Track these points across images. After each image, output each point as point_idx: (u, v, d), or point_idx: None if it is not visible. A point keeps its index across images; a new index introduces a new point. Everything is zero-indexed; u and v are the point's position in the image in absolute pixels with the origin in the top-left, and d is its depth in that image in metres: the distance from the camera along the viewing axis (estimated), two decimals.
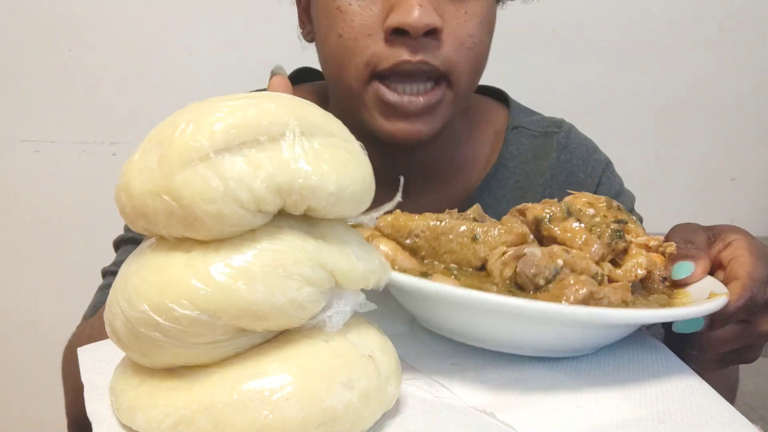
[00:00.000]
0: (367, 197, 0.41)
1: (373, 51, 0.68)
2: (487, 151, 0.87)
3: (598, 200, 0.58)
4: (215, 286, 0.36)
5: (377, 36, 0.67)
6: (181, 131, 0.36)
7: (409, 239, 0.53)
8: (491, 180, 0.85)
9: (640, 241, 0.56)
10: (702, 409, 0.43)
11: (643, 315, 0.45)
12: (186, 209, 0.36)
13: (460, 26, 0.68)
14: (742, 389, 0.83)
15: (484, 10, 0.70)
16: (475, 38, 0.69)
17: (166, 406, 0.37)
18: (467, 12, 0.69)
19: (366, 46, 0.68)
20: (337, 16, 0.68)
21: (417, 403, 0.44)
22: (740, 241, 0.56)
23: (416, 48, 0.67)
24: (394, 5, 0.66)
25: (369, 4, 0.67)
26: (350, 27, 0.68)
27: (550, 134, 0.88)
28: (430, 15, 0.65)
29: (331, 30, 0.69)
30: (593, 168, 0.87)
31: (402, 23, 0.65)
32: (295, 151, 0.37)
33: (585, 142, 0.89)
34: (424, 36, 0.66)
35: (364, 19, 0.67)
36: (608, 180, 0.88)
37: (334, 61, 0.71)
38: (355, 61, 0.69)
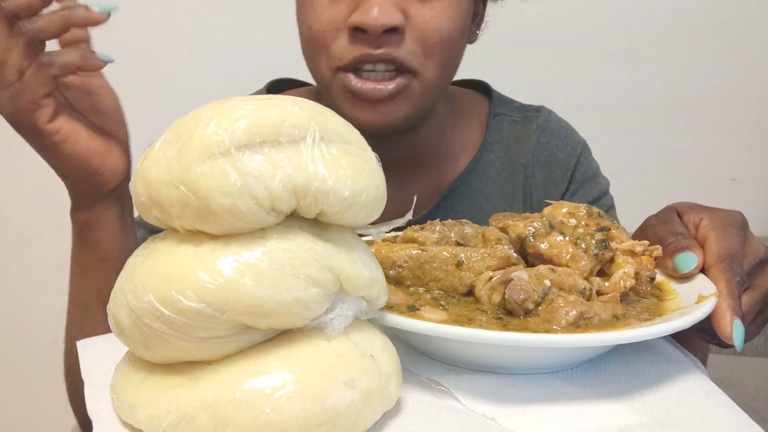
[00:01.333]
0: (379, 207, 0.42)
1: (338, 45, 0.71)
2: (472, 138, 0.91)
3: (578, 209, 0.58)
4: (222, 279, 0.36)
5: (342, 31, 0.71)
6: (203, 125, 0.37)
7: (392, 270, 0.53)
8: (476, 164, 0.89)
9: (625, 247, 0.56)
10: (702, 413, 0.43)
11: (637, 334, 0.45)
12: (202, 201, 0.36)
13: (425, 21, 0.71)
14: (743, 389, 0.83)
15: (453, 7, 0.73)
16: (442, 33, 0.72)
17: (167, 404, 0.37)
18: (434, 8, 0.71)
19: (332, 39, 0.71)
20: (308, 10, 0.72)
21: (417, 403, 0.44)
22: (705, 220, 0.57)
23: (377, 44, 0.70)
24: (358, 4, 0.70)
25: (337, 4, 0.71)
26: (319, 20, 0.72)
27: (529, 118, 0.92)
28: (389, 14, 0.68)
29: (303, 22, 0.74)
30: (572, 148, 0.91)
31: (360, 23, 0.68)
32: (313, 155, 0.38)
33: (563, 125, 0.94)
34: (385, 33, 0.69)
35: (332, 14, 0.71)
36: (586, 159, 0.91)
37: (307, 52, 0.75)
38: (323, 53, 0.72)
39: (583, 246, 0.54)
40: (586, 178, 0.90)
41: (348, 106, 0.73)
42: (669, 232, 0.58)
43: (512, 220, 0.57)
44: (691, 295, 0.52)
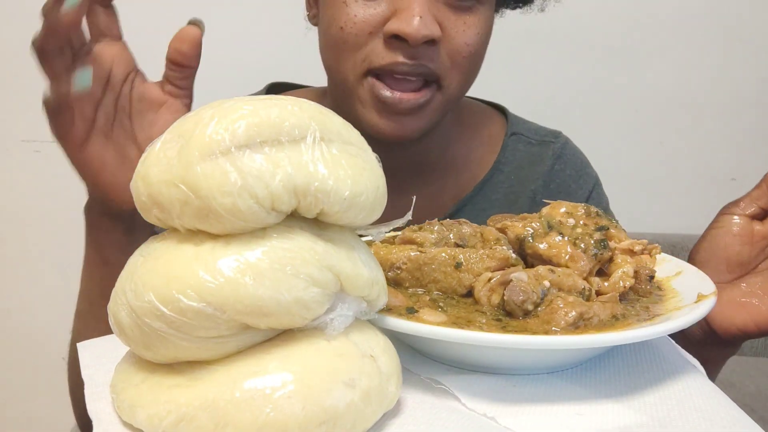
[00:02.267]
0: (379, 207, 0.42)
1: (371, 49, 0.70)
2: (480, 153, 0.90)
3: (576, 208, 0.58)
4: (223, 279, 0.36)
5: (377, 35, 0.70)
6: (203, 125, 0.37)
7: (391, 272, 0.53)
8: (486, 184, 0.88)
9: (624, 246, 0.56)
10: (702, 413, 0.43)
11: (636, 334, 0.45)
12: (202, 200, 0.36)
13: (458, 35, 0.71)
14: (743, 389, 0.83)
15: (482, 22, 0.73)
16: (471, 48, 0.72)
17: (167, 403, 0.37)
18: (466, 22, 0.71)
19: (365, 42, 0.70)
20: (341, 9, 0.70)
21: (417, 403, 0.44)
22: None
23: (413, 54, 0.69)
24: (397, 11, 0.68)
25: (373, 4, 0.70)
26: (352, 22, 0.70)
27: (546, 143, 0.91)
28: (430, 26, 0.68)
29: (334, 21, 0.71)
30: (585, 181, 0.90)
31: (401, 32, 0.67)
32: (314, 155, 0.38)
33: (579, 156, 0.93)
34: (423, 44, 0.68)
35: (367, 17, 0.69)
36: (597, 195, 0.91)
37: (333, 52, 0.73)
38: (353, 55, 0.71)
39: (582, 246, 0.54)
40: None
41: (374, 114, 0.72)
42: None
43: (510, 221, 0.57)
44: (691, 294, 0.52)
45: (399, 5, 0.68)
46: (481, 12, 0.73)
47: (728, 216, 0.65)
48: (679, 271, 0.58)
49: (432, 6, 0.69)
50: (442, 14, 0.70)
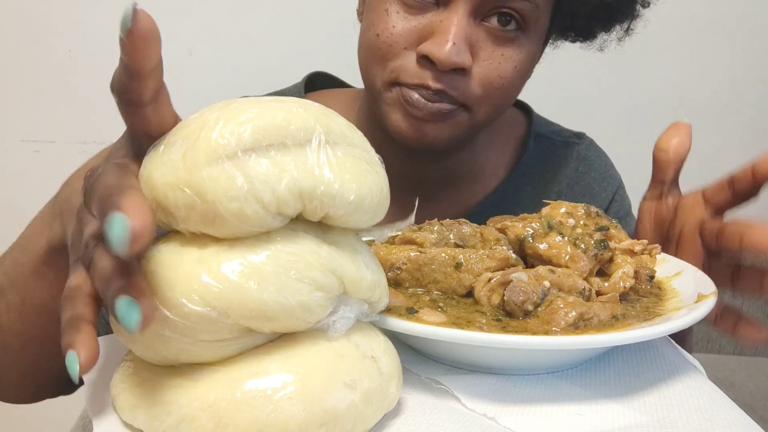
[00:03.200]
0: (382, 210, 0.42)
1: (402, 63, 0.70)
2: (505, 156, 0.90)
3: (576, 209, 0.58)
4: (227, 283, 0.36)
5: (410, 51, 0.70)
6: (209, 128, 0.37)
7: (391, 272, 0.53)
8: (509, 186, 0.87)
9: (624, 246, 0.57)
10: (702, 413, 0.44)
11: (636, 334, 0.45)
12: (208, 205, 0.36)
13: (492, 67, 0.70)
14: (743, 389, 0.83)
15: (522, 56, 0.72)
16: (505, 80, 0.71)
17: (168, 404, 0.37)
18: (504, 54, 0.70)
19: (397, 55, 0.70)
20: (381, 17, 0.71)
21: (418, 404, 0.44)
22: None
23: (440, 78, 0.69)
24: (434, 32, 0.68)
25: (414, 20, 0.69)
26: (389, 32, 0.70)
27: (570, 144, 0.91)
28: (461, 54, 0.67)
29: (372, 26, 0.72)
30: (609, 183, 0.90)
31: (431, 55, 0.67)
32: (319, 158, 0.38)
33: (603, 157, 0.93)
34: (451, 70, 0.68)
35: (404, 32, 0.69)
36: (621, 198, 0.91)
37: (366, 56, 0.74)
38: (384, 64, 0.71)
39: (582, 246, 0.54)
40: (618, 218, 0.89)
41: (399, 115, 0.72)
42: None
43: (510, 221, 0.57)
44: (691, 294, 0.52)
45: (437, 27, 0.68)
46: (524, 44, 0.72)
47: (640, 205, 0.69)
48: (679, 271, 0.59)
49: (471, 32, 0.68)
50: (481, 42, 0.69)
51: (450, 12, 0.68)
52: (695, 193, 0.63)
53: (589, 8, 0.74)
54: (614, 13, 0.78)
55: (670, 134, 0.65)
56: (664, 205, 0.66)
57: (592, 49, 0.87)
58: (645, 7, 0.81)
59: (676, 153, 0.64)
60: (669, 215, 0.65)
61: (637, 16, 0.82)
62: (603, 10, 0.76)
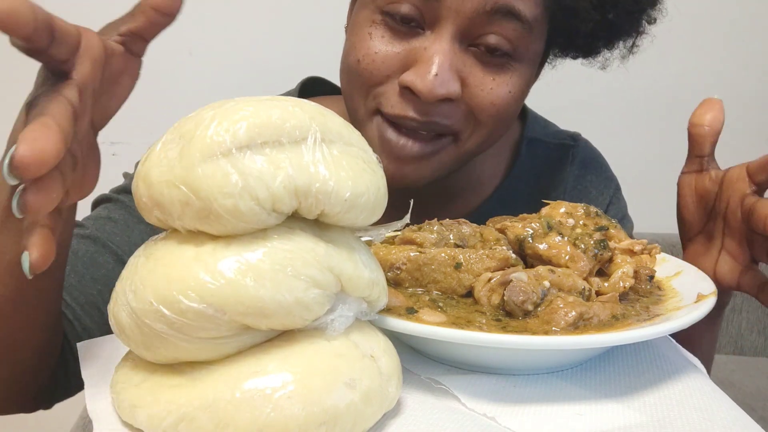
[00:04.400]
0: (380, 208, 0.42)
1: (384, 92, 0.66)
2: (502, 165, 0.88)
3: (576, 209, 0.58)
4: (223, 280, 0.36)
5: (393, 79, 0.66)
6: (204, 126, 0.37)
7: (390, 272, 0.53)
8: (504, 192, 0.86)
9: (623, 246, 0.56)
10: (702, 413, 0.44)
11: (636, 334, 0.45)
12: (203, 202, 0.36)
13: (484, 93, 0.66)
14: (743, 389, 0.83)
15: (516, 79, 0.67)
16: (499, 107, 0.67)
17: (168, 404, 0.38)
18: (495, 80, 0.66)
19: (379, 82, 0.66)
20: (364, 40, 0.66)
21: (418, 404, 0.44)
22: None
23: (425, 111, 0.65)
24: (417, 61, 0.64)
25: (398, 45, 0.65)
26: (371, 59, 0.66)
27: (566, 147, 0.89)
28: (446, 84, 0.63)
29: (354, 51, 0.67)
30: (605, 186, 0.89)
31: (413, 87, 0.63)
32: (314, 156, 0.38)
33: (599, 159, 0.91)
34: (438, 101, 0.64)
35: (387, 58, 0.65)
36: (617, 201, 0.89)
37: (347, 80, 0.70)
38: (366, 91, 0.68)
39: (582, 246, 0.54)
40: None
41: (378, 151, 0.67)
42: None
43: (510, 221, 0.57)
44: (691, 294, 0.52)
45: (421, 55, 0.64)
46: (516, 70, 0.67)
47: (681, 176, 0.69)
48: (678, 271, 0.59)
49: (457, 59, 0.64)
50: (469, 69, 0.65)
51: (435, 38, 0.63)
52: (740, 167, 0.62)
53: (590, 26, 0.69)
54: (617, 30, 0.74)
55: (703, 109, 0.65)
56: (707, 178, 0.64)
57: (594, 66, 0.82)
58: (651, 23, 0.78)
59: (712, 126, 0.64)
60: (714, 188, 0.63)
61: (642, 32, 0.78)
62: (604, 27, 0.71)
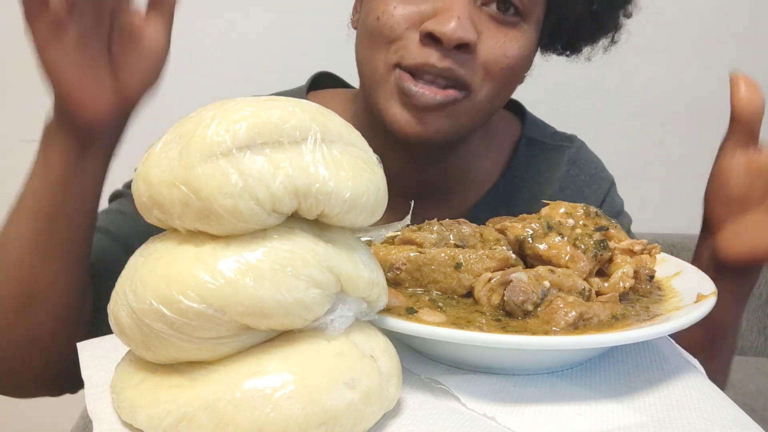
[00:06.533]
0: (379, 209, 0.42)
1: (405, 44, 0.70)
2: (500, 162, 0.89)
3: (576, 209, 0.58)
4: (223, 280, 0.36)
5: (413, 31, 0.69)
6: (204, 126, 0.37)
7: (390, 272, 0.53)
8: (500, 190, 0.87)
9: (623, 246, 0.56)
10: (702, 413, 0.44)
11: (636, 335, 0.45)
12: (203, 202, 0.36)
13: (497, 45, 0.70)
14: (743, 389, 0.83)
15: (525, 40, 0.72)
16: (510, 60, 0.71)
17: (167, 404, 0.38)
18: (508, 35, 0.71)
19: (399, 36, 0.70)
20: (381, 1, 0.70)
21: (418, 404, 0.44)
22: None
23: (445, 56, 0.68)
24: (437, 11, 0.68)
25: (414, 3, 0.69)
26: (390, 14, 0.70)
27: (561, 148, 0.91)
28: (466, 29, 0.67)
29: (372, 11, 0.71)
30: (599, 185, 0.90)
31: (436, 31, 0.67)
32: (315, 156, 0.38)
33: (594, 160, 0.93)
34: (456, 47, 0.68)
35: (406, 12, 0.69)
36: (611, 199, 0.91)
37: (367, 42, 0.73)
38: (386, 46, 0.71)
39: (581, 247, 0.54)
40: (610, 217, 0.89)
41: (397, 106, 0.71)
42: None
43: (510, 222, 0.57)
44: (691, 294, 0.52)
45: (440, 6, 0.68)
46: (526, 30, 0.72)
47: (722, 152, 0.69)
48: (678, 271, 0.59)
49: (474, 13, 0.69)
50: (484, 24, 0.70)
51: None
52: None
53: (578, 12, 0.75)
54: (599, 23, 0.79)
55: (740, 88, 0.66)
56: (765, 155, 0.66)
57: (579, 62, 0.87)
58: (627, 17, 0.83)
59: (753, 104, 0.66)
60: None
61: (621, 26, 0.83)
62: (589, 18, 0.77)
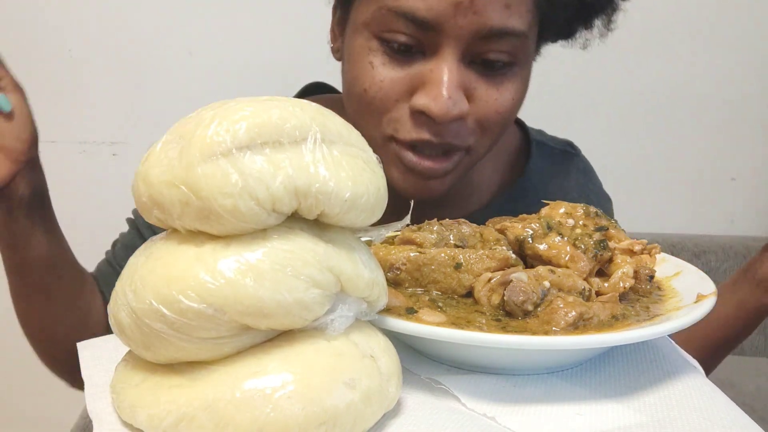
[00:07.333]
0: (379, 209, 0.42)
1: (397, 117, 0.67)
2: (501, 170, 0.89)
3: (575, 209, 0.58)
4: (223, 280, 0.36)
5: (403, 103, 0.67)
6: (204, 126, 0.37)
7: (390, 272, 0.53)
8: (516, 190, 0.87)
9: (623, 246, 0.56)
10: (702, 413, 0.44)
11: (635, 335, 0.45)
12: (203, 201, 0.36)
13: (489, 105, 0.68)
14: (743, 389, 0.83)
15: (517, 84, 0.69)
16: (504, 114, 0.69)
17: (167, 404, 0.38)
18: (499, 89, 0.68)
19: (390, 108, 0.67)
20: (366, 70, 0.67)
21: (418, 404, 0.44)
22: None
23: (440, 132, 0.67)
24: (425, 83, 0.65)
25: (401, 71, 0.66)
26: (378, 86, 0.67)
27: (568, 155, 0.91)
28: (458, 104, 0.65)
29: (358, 81, 0.68)
30: (603, 197, 0.92)
31: (428, 111, 0.65)
32: (315, 156, 0.38)
33: (593, 170, 0.94)
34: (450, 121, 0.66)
35: (393, 84, 0.66)
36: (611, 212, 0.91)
37: (357, 110, 0.70)
38: (379, 117, 0.68)
39: (581, 247, 0.54)
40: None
41: (398, 173, 0.70)
42: None
43: (509, 222, 0.57)
44: (691, 294, 0.52)
45: (428, 77, 0.65)
46: (517, 75, 0.69)
47: None
48: (678, 271, 0.59)
49: (463, 76, 0.65)
50: (474, 84, 0.67)
51: (439, 60, 0.64)
52: None
53: (571, 11, 0.73)
54: (592, 6, 0.76)
55: None
56: None
57: (575, 48, 0.84)
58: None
59: None
60: None
61: (616, 8, 0.79)
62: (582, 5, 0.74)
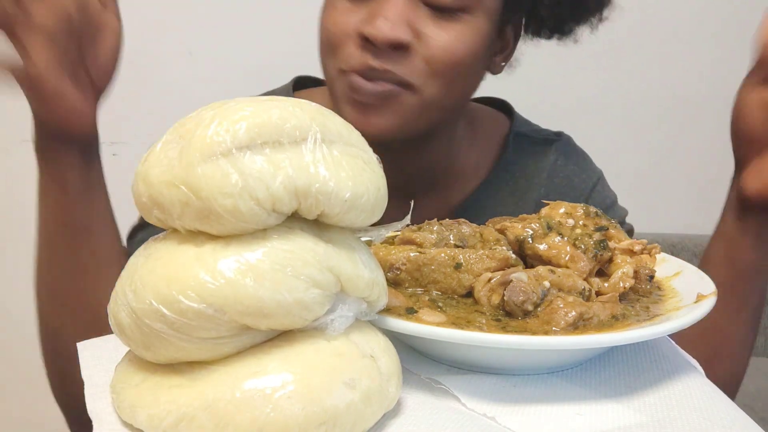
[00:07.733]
0: (379, 209, 0.42)
1: (346, 50, 0.72)
2: (489, 157, 0.90)
3: (575, 209, 0.58)
4: (223, 280, 0.36)
5: (353, 37, 0.72)
6: (204, 126, 0.37)
7: (390, 272, 0.53)
8: (491, 184, 0.88)
9: (623, 246, 0.56)
10: (702, 413, 0.44)
11: (635, 335, 0.45)
12: (203, 201, 0.37)
13: (436, 43, 0.70)
14: (742, 390, 0.83)
15: (469, 31, 0.72)
16: (452, 55, 0.71)
17: (167, 404, 0.38)
18: (447, 30, 0.71)
19: (342, 43, 0.73)
20: (329, 11, 0.74)
21: (418, 404, 0.44)
22: None
23: (381, 56, 0.70)
24: (370, 15, 0.70)
25: (355, 7, 0.72)
26: (334, 23, 0.73)
27: (549, 141, 0.92)
28: (396, 30, 0.68)
29: (323, 24, 0.75)
30: (588, 176, 0.91)
31: (367, 33, 0.69)
32: (315, 156, 0.38)
33: (581, 153, 0.94)
34: (391, 48, 0.69)
35: (347, 20, 0.72)
36: (603, 189, 0.92)
37: (321, 52, 0.77)
38: (333, 54, 0.74)
39: (581, 247, 0.54)
40: (603, 208, 0.89)
41: (348, 107, 0.73)
42: None
43: (509, 222, 0.57)
44: (691, 294, 0.52)
45: (374, 10, 0.70)
46: (470, 22, 0.72)
47: (743, 89, 0.70)
48: (678, 271, 0.59)
49: (410, 12, 0.69)
50: (422, 22, 0.70)
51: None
52: None
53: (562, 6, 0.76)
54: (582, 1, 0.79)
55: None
56: None
57: (568, 43, 0.87)
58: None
59: None
60: None
61: (608, 3, 0.82)
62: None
